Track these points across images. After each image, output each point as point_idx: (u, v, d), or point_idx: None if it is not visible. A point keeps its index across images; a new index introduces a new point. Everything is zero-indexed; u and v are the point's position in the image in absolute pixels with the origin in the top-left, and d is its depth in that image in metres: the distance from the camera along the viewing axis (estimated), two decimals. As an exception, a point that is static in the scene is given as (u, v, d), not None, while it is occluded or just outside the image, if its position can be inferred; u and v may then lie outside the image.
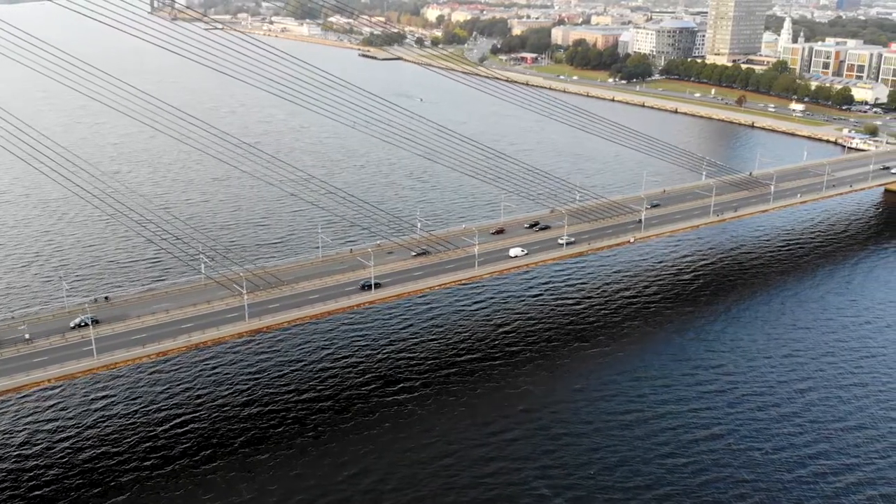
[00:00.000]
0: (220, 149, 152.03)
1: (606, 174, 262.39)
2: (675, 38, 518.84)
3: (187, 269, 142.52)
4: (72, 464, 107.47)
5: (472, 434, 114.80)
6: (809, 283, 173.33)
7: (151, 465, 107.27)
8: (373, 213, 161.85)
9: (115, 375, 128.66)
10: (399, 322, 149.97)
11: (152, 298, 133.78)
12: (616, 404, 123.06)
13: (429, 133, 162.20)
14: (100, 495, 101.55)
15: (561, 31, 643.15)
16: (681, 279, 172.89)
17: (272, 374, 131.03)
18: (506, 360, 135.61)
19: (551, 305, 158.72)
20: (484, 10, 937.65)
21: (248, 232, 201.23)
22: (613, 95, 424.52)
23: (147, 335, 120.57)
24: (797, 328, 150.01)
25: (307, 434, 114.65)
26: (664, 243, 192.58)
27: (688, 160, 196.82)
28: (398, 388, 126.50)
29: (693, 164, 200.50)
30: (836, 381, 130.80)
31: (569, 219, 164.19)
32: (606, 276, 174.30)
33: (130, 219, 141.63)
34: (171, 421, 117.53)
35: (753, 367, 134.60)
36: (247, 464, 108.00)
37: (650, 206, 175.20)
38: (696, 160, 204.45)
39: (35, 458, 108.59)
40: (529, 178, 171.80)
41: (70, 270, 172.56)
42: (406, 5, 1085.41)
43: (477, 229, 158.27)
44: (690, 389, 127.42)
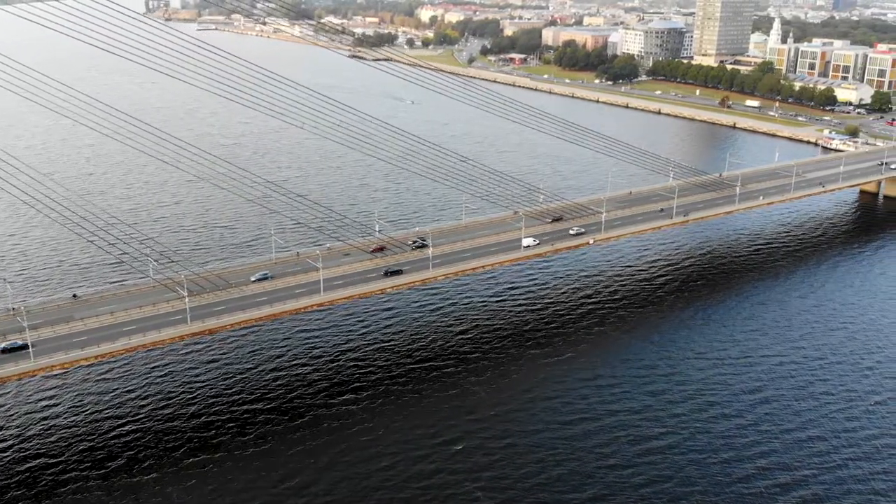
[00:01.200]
0: (171, 153, 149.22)
1: (583, 176, 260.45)
2: (663, 39, 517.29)
3: (135, 271, 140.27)
4: (10, 469, 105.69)
5: (418, 443, 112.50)
6: (775, 286, 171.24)
7: (87, 471, 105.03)
8: (329, 216, 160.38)
9: (60, 379, 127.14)
10: (355, 326, 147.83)
11: (99, 301, 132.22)
12: (566, 412, 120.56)
13: (390, 136, 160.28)
14: (33, 501, 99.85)
15: (551, 32, 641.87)
16: (646, 282, 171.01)
17: (220, 379, 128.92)
18: (460, 366, 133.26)
19: (512, 309, 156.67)
20: (477, 10, 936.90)
21: (200, 235, 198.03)
22: (598, 97, 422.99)
23: (88, 337, 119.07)
24: (758, 333, 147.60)
25: (249, 440, 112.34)
26: (633, 246, 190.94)
27: (656, 162, 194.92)
28: (347, 395, 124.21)
29: (663, 165, 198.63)
30: (793, 388, 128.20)
31: (531, 220, 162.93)
32: (571, 279, 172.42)
33: (76, 223, 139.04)
34: (111, 426, 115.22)
35: (709, 374, 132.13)
36: (183, 470, 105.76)
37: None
38: (666, 162, 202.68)
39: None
40: (494, 181, 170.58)
41: (16, 273, 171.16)
42: (401, 6, 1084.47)
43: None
44: (643, 396, 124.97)
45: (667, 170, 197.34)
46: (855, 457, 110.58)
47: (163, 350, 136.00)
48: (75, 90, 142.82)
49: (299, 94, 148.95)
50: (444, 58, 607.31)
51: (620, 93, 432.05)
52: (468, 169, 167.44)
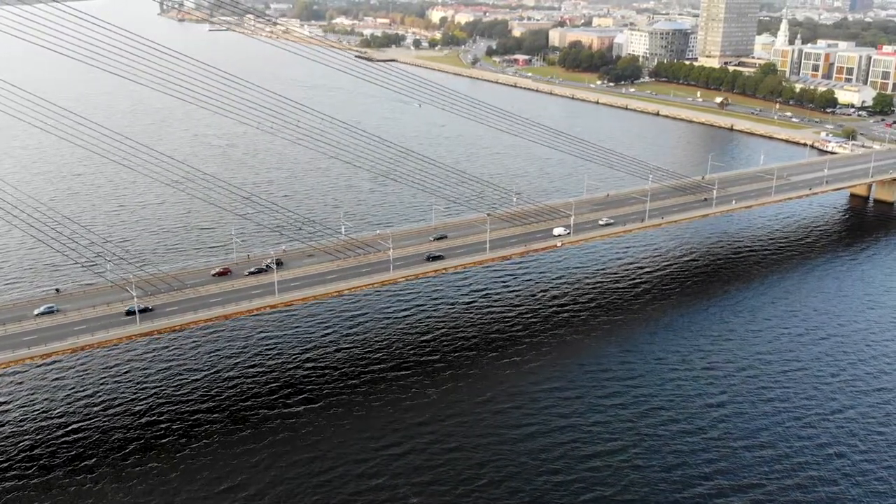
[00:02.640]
0: (129, 154, 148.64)
1: (569, 179, 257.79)
2: (668, 40, 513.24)
3: (90, 272, 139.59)
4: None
5: (361, 448, 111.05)
6: (750, 292, 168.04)
7: (28, 470, 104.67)
8: (293, 218, 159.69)
9: (11, 379, 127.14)
10: (317, 329, 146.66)
11: (54, 300, 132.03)
12: (516, 418, 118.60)
13: (372, 143, 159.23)
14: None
15: (558, 33, 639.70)
16: (620, 287, 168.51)
17: (173, 381, 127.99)
18: (417, 372, 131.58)
19: (480, 313, 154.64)
20: (487, 11, 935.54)
21: (159, 238, 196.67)
22: (598, 98, 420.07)
23: (38, 336, 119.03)
24: (725, 340, 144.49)
25: (193, 443, 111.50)
26: (611, 250, 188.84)
27: (638, 165, 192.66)
28: (299, 399, 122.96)
29: (644, 168, 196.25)
30: (753, 396, 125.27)
31: (501, 223, 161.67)
32: (544, 283, 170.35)
33: (33, 225, 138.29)
34: (58, 425, 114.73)
35: (668, 380, 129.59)
36: (123, 471, 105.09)
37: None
38: (647, 165, 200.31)
39: None
40: (471, 184, 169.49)
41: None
42: (412, 7, 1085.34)
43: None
44: (598, 402, 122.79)
45: (649, 173, 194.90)
46: (802, 466, 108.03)
47: (119, 351, 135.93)
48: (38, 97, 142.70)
49: (278, 101, 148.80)
50: (449, 59, 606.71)
51: (620, 94, 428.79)
52: (445, 172, 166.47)
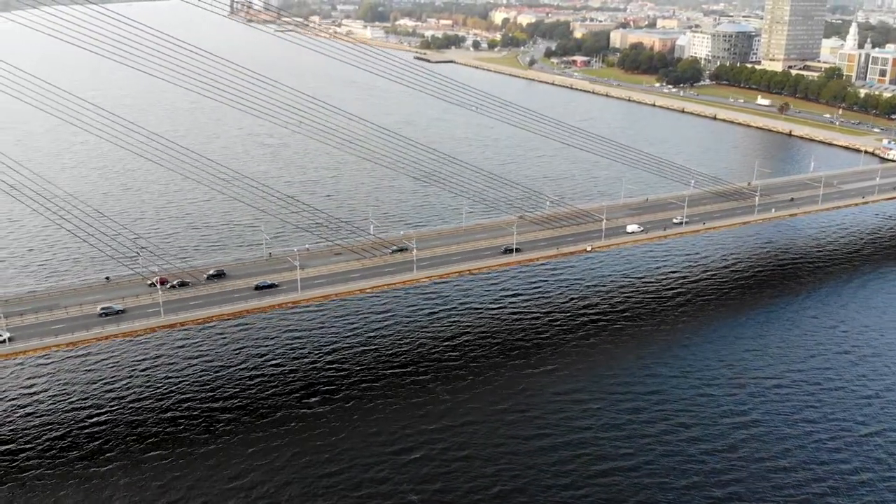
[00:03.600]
0: (178, 156, 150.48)
1: (614, 182, 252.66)
2: (730, 43, 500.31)
3: (122, 265, 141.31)
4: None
5: (374, 451, 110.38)
6: (792, 304, 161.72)
7: (50, 458, 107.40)
8: (326, 217, 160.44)
9: (41, 368, 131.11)
10: (343, 328, 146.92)
11: (89, 290, 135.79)
12: (534, 426, 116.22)
13: (407, 145, 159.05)
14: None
15: (620, 35, 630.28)
16: (654, 294, 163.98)
17: (198, 375, 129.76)
18: (437, 374, 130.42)
19: (507, 316, 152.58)
20: (550, 12, 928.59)
21: (191, 234, 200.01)
22: (655, 100, 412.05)
23: (66, 325, 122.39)
24: (757, 353, 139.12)
25: (211, 437, 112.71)
26: (649, 256, 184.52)
27: (682, 170, 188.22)
28: (319, 397, 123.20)
29: (689, 173, 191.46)
30: (781, 414, 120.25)
31: (533, 226, 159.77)
32: (576, 287, 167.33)
33: (68, 220, 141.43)
34: (83, 416, 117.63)
35: (694, 394, 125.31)
36: (141, 463, 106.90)
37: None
38: (692, 169, 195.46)
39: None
40: (505, 187, 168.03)
41: (20, 262, 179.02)
42: (476, 8, 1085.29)
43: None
44: (618, 415, 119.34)
45: (691, 178, 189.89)
46: (826, 491, 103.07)
47: (152, 344, 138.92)
48: (73, 94, 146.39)
49: (327, 107, 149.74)
50: (506, 60, 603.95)
51: (677, 97, 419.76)
52: (483, 175, 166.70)
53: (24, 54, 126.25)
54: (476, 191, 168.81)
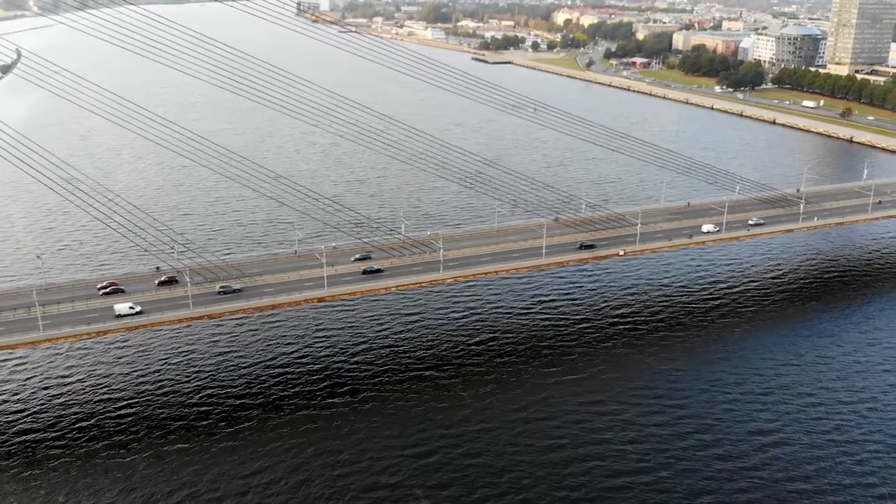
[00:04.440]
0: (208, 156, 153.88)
1: (659, 188, 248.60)
2: (795, 46, 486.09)
3: (158, 259, 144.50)
4: (5, 435, 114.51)
5: (386, 446, 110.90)
6: (834, 315, 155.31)
7: (76, 442, 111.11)
8: (363, 216, 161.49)
9: (75, 356, 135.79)
10: (371, 325, 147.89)
11: (126, 281, 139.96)
12: (548, 429, 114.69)
13: (451, 149, 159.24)
14: (20, 467, 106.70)
15: (682, 36, 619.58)
16: (691, 302, 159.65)
17: (222, 367, 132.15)
18: (458, 374, 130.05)
19: (536, 320, 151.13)
20: (613, 14, 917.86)
21: (246, 229, 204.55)
22: (713, 103, 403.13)
23: (98, 314, 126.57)
24: (791, 364, 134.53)
25: (231, 429, 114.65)
26: (688, 263, 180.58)
27: (729, 176, 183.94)
28: (340, 392, 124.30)
29: (737, 179, 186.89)
30: (807, 427, 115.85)
31: (566, 229, 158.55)
32: (609, 292, 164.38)
33: (110, 216, 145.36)
34: (111, 401, 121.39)
35: (717, 403, 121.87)
36: (162, 450, 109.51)
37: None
38: (740, 175, 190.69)
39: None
40: (537, 189, 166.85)
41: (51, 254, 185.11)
42: (539, 9, 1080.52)
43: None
44: (636, 420, 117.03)
45: (736, 183, 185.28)
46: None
47: (181, 335, 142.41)
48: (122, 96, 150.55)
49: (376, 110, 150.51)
50: (564, 61, 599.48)
51: (736, 100, 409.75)
52: (522, 178, 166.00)
53: (78, 55, 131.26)
54: (515, 193, 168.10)
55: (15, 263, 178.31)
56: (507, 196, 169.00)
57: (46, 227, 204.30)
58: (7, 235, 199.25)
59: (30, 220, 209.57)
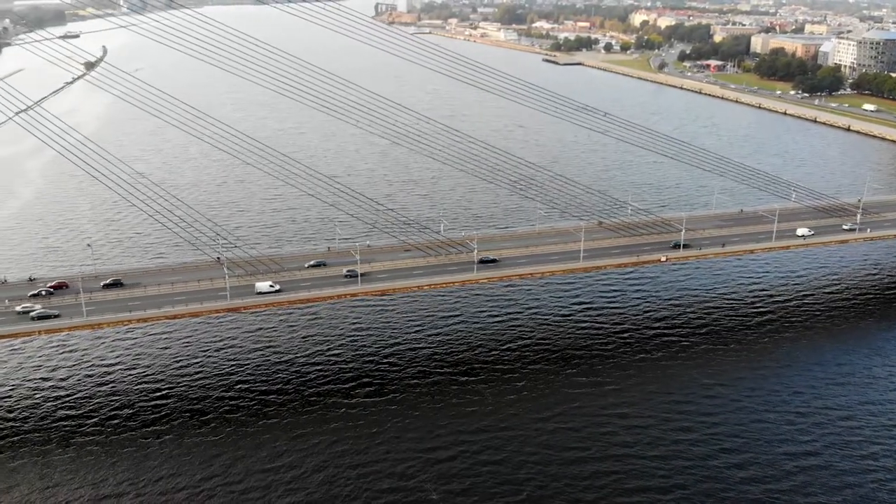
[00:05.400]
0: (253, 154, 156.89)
1: (713, 194, 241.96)
2: (878, 51, 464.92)
3: (200, 252, 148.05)
4: (43, 414, 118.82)
5: (408, 447, 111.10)
6: (889, 332, 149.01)
7: (111, 426, 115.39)
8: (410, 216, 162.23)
9: (115, 341, 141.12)
10: (408, 324, 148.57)
11: (171, 272, 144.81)
12: (574, 438, 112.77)
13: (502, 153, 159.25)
14: (55, 445, 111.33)
15: (761, 39, 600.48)
16: (737, 313, 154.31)
17: (258, 360, 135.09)
18: (489, 378, 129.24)
19: (574, 325, 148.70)
20: (692, 15, 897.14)
21: (299, 226, 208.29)
22: (786, 108, 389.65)
23: (141, 303, 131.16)
24: (835, 383, 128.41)
25: (260, 421, 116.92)
26: (739, 271, 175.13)
27: (786, 183, 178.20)
28: (370, 390, 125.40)
29: (796, 187, 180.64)
30: (846, 449, 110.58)
31: (609, 233, 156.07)
32: (653, 299, 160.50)
33: (157, 210, 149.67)
34: (149, 388, 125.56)
35: (752, 420, 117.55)
36: (193, 439, 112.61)
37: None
38: (798, 183, 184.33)
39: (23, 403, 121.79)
40: (582, 192, 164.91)
41: (104, 243, 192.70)
42: (616, 11, 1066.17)
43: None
44: (665, 435, 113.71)
45: (795, 191, 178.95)
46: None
47: (222, 326, 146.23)
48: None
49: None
50: (637, 63, 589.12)
51: (811, 106, 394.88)
52: (569, 182, 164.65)
53: (158, 53, 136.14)
54: (562, 196, 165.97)
55: (71, 251, 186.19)
56: (556, 199, 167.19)
57: (110, 218, 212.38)
58: (72, 225, 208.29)
59: (96, 212, 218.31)
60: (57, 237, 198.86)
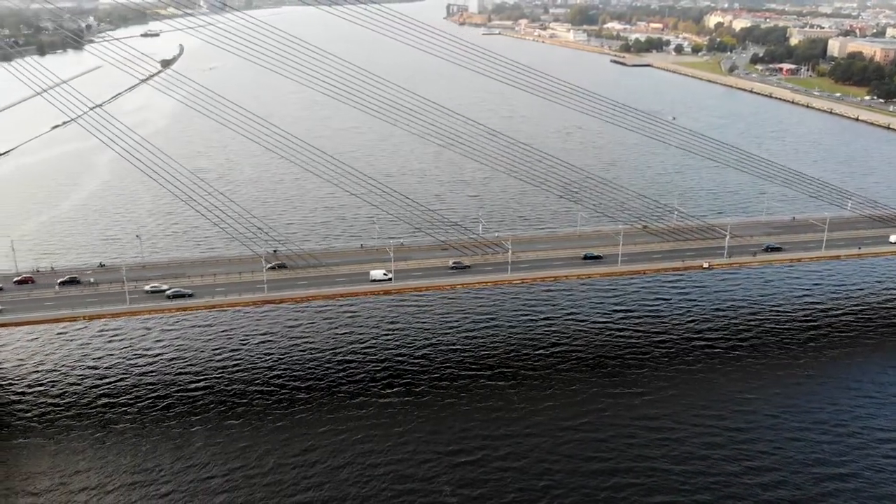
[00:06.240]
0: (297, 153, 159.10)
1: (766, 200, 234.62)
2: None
3: (243, 246, 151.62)
4: (86, 400, 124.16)
5: (430, 448, 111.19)
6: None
7: (148, 412, 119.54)
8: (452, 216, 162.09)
9: (156, 328, 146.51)
10: (442, 323, 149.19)
11: (215, 264, 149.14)
12: (599, 448, 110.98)
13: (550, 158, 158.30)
14: (94, 427, 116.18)
15: (838, 43, 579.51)
16: (786, 324, 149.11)
17: (292, 353, 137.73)
18: (518, 381, 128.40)
19: (612, 330, 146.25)
20: (769, 17, 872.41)
21: (332, 224, 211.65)
22: (858, 114, 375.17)
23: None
24: (880, 403, 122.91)
25: (290, 413, 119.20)
26: (793, 281, 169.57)
27: (845, 192, 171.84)
28: (398, 388, 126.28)
29: (855, 196, 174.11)
30: (886, 473, 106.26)
31: (653, 238, 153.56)
32: (698, 307, 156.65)
33: (205, 205, 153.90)
34: (183, 378, 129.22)
35: (788, 438, 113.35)
36: (221, 427, 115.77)
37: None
38: (860, 193, 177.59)
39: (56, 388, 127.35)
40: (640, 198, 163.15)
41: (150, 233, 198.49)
42: (691, 12, 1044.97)
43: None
44: (695, 450, 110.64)
45: (848, 199, 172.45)
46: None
47: (261, 320, 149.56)
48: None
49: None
50: (707, 65, 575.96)
51: (886, 112, 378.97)
52: (612, 184, 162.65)
53: (233, 52, 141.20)
54: (610, 200, 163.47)
55: (125, 241, 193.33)
56: (604, 203, 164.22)
57: (167, 211, 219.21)
58: (131, 216, 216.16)
59: (155, 205, 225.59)
60: (114, 227, 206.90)
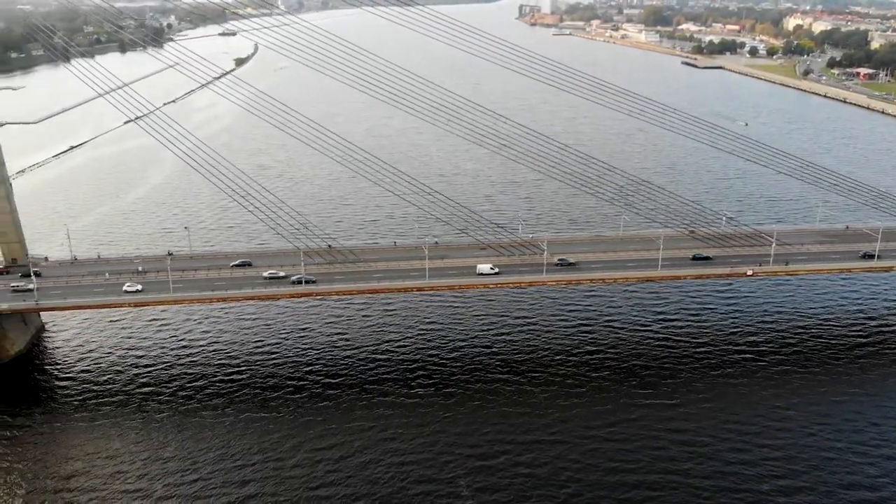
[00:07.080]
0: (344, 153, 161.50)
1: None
2: None
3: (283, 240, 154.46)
4: (121, 385, 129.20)
5: (450, 446, 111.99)
6: None
7: (181, 400, 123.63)
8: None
9: (195, 317, 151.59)
10: (477, 322, 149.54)
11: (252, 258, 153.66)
12: (622, 454, 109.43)
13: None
14: (132, 412, 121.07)
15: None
16: (830, 335, 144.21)
17: (327, 347, 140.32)
18: (549, 385, 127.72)
19: (648, 334, 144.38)
20: (850, 20, 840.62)
21: (379, 222, 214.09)
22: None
23: (226, 283, 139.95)
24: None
25: (319, 404, 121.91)
26: (845, 290, 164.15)
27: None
28: (426, 384, 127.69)
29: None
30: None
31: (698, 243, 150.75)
32: (740, 314, 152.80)
33: (252, 202, 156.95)
34: (222, 369, 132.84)
35: (820, 452, 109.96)
36: (248, 419, 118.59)
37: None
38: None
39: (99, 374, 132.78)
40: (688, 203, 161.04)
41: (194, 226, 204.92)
42: (769, 14, 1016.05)
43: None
44: (722, 459, 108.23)
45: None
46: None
47: (299, 314, 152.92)
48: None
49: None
50: (782, 68, 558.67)
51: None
52: (663, 189, 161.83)
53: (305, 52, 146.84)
54: (659, 204, 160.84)
55: (175, 232, 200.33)
56: (654, 207, 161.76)
57: (225, 206, 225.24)
58: (190, 209, 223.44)
59: (213, 199, 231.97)
60: (173, 219, 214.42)
